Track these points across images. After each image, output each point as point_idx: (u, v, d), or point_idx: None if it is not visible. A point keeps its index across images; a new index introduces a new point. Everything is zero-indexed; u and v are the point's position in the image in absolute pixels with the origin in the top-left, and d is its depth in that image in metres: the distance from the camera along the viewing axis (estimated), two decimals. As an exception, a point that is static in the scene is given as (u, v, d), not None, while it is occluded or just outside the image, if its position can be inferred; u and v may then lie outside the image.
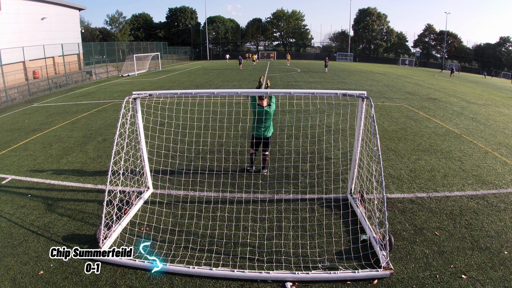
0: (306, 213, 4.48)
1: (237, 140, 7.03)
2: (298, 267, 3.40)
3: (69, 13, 28.11)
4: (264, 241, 3.87)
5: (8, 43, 19.79)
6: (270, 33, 65.93)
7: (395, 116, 10.59)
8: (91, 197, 5.10)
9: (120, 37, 54.66)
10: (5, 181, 5.77)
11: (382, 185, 3.44)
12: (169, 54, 47.12)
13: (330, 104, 10.39)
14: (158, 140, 6.52)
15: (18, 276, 3.32)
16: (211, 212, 4.54)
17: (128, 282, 3.23)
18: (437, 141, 7.92)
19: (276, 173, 5.64)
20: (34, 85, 19.51)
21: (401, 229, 4.12)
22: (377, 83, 20.37)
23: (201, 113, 9.75)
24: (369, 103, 3.90)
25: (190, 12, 64.99)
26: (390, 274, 3.25)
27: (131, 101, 4.36)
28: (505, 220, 4.35)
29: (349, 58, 58.49)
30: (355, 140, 4.43)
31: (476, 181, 5.58)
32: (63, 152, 7.32)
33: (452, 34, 58.37)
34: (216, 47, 64.98)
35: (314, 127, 8.34)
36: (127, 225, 4.22)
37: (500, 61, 52.12)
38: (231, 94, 4.11)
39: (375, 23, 61.62)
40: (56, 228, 4.20)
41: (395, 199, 4.94)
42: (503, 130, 9.28)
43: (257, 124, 5.46)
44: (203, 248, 3.74)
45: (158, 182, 5.21)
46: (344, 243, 3.83)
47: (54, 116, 11.46)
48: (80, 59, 28.14)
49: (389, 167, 6.18)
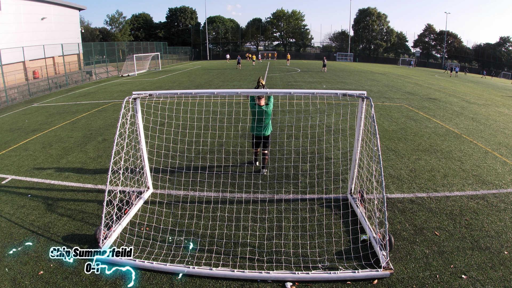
0: (306, 213, 4.48)
1: (237, 140, 7.03)
2: (298, 267, 3.40)
3: (69, 13, 28.11)
4: (264, 241, 3.87)
5: (8, 43, 19.80)
6: (270, 33, 65.91)
7: (395, 116, 10.59)
8: (91, 197, 5.10)
9: (120, 37, 54.63)
10: (5, 181, 5.77)
11: (382, 185, 3.44)
12: (169, 54, 47.12)
13: (330, 104, 10.39)
14: (158, 140, 6.52)
15: (18, 276, 3.32)
16: (211, 212, 4.54)
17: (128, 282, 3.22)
18: (437, 141, 7.92)
19: (276, 173, 5.64)
20: (34, 85, 19.51)
21: (401, 229, 4.12)
22: (377, 83, 20.37)
23: (201, 113, 9.75)
24: (369, 103, 3.90)
25: (190, 12, 64.98)
26: (390, 274, 3.25)
27: (131, 101, 4.36)
28: (505, 220, 4.35)
29: (349, 58, 58.47)
30: (355, 140, 4.43)
31: (476, 181, 5.58)
32: (63, 152, 7.32)
33: (452, 34, 58.37)
34: (216, 47, 64.97)
35: (314, 127, 8.34)
36: (127, 225, 4.22)
37: (500, 61, 52.11)
38: (231, 94, 4.11)
39: (375, 23, 61.61)
40: (56, 228, 4.20)
41: (395, 199, 4.94)
42: (503, 130, 9.28)
43: (256, 123, 5.53)
44: (203, 248, 3.74)
45: (158, 182, 5.21)
46: (344, 243, 3.83)
47: (54, 116, 11.46)
48: (80, 59, 28.14)
49: (389, 167, 6.18)
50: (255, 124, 5.54)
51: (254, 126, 5.58)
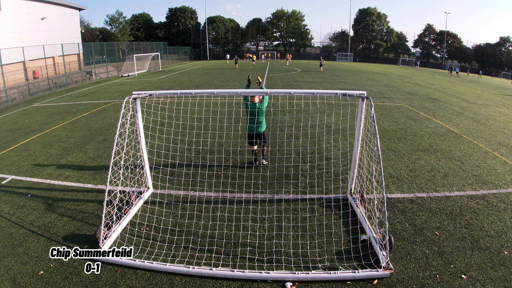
0: (306, 213, 4.48)
1: (237, 140, 7.03)
2: (298, 267, 3.40)
3: (69, 13, 28.10)
4: (264, 241, 3.87)
5: (8, 43, 19.79)
6: (270, 33, 65.91)
7: (395, 116, 10.59)
8: (91, 197, 5.10)
9: (120, 37, 54.63)
10: (5, 181, 5.77)
11: (382, 185, 3.45)
12: (169, 54, 47.12)
13: (330, 104, 10.39)
14: (158, 140, 6.52)
15: (18, 276, 3.32)
16: (211, 212, 4.54)
17: (128, 282, 3.23)
18: (437, 141, 7.92)
19: (276, 173, 5.64)
20: (34, 85, 19.51)
21: (401, 229, 4.12)
22: (377, 83, 20.37)
23: (201, 113, 9.76)
24: (369, 103, 3.90)
25: (190, 12, 64.96)
26: (390, 274, 3.25)
27: (131, 101, 4.37)
28: (505, 220, 4.35)
29: (349, 58, 58.46)
30: (355, 140, 4.43)
31: (476, 181, 5.58)
32: (63, 152, 7.32)
33: (452, 34, 58.34)
34: (216, 47, 64.96)
35: (314, 127, 8.34)
36: (127, 225, 4.22)
37: (500, 61, 52.09)
38: (231, 94, 4.11)
39: (375, 23, 61.59)
40: (56, 228, 4.20)
41: (395, 199, 4.94)
42: (503, 130, 9.28)
43: (250, 120, 5.66)
44: (203, 248, 3.74)
45: (158, 182, 5.21)
46: (344, 243, 3.83)
47: (54, 116, 11.46)
48: (80, 59, 28.14)
49: (389, 167, 6.18)
50: (250, 121, 5.68)
51: (248, 124, 5.73)
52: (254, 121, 5.67)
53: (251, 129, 5.75)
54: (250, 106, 5.62)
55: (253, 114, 5.64)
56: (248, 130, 5.80)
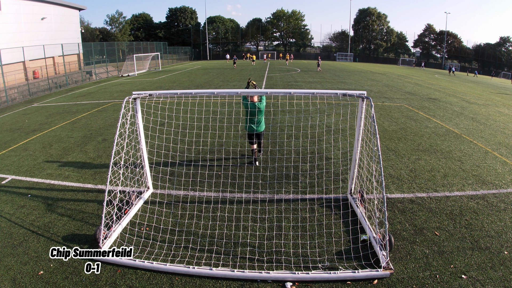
0: (306, 213, 4.48)
1: (237, 140, 7.03)
2: (298, 267, 3.40)
3: (69, 13, 28.10)
4: (264, 241, 3.87)
5: (8, 43, 19.79)
6: (270, 33, 65.90)
7: (395, 116, 10.59)
8: (91, 197, 5.10)
9: (120, 37, 54.61)
10: (5, 181, 5.77)
11: (382, 185, 3.45)
12: (169, 54, 47.11)
13: (330, 104, 10.39)
14: (158, 140, 6.53)
15: (18, 276, 3.32)
16: (211, 212, 4.54)
17: (128, 282, 3.23)
18: (437, 141, 7.92)
19: (276, 173, 5.64)
20: (34, 85, 19.51)
21: (401, 229, 4.12)
22: (377, 83, 20.37)
23: (201, 113, 9.75)
24: (369, 103, 3.90)
25: (190, 12, 64.96)
26: (390, 274, 3.25)
27: (131, 101, 4.37)
28: (505, 220, 4.35)
29: (349, 58, 58.45)
30: (355, 140, 4.43)
31: (476, 181, 5.58)
32: (63, 152, 7.32)
33: (452, 34, 58.33)
34: (216, 47, 64.96)
35: (314, 127, 8.34)
36: (127, 225, 4.22)
37: (500, 61, 52.08)
38: (231, 94, 4.11)
39: (375, 23, 61.58)
40: (56, 228, 4.20)
41: (395, 199, 4.94)
42: (503, 130, 9.28)
43: (250, 120, 5.70)
44: (203, 248, 3.74)
45: (158, 182, 5.21)
46: (344, 243, 3.83)
47: (54, 116, 11.46)
48: (80, 59, 28.14)
49: (389, 167, 6.18)
50: (249, 121, 5.72)
51: (247, 123, 5.78)
52: (254, 121, 5.71)
53: (250, 128, 5.80)
54: (249, 106, 5.67)
55: (253, 114, 5.69)
56: (248, 130, 5.85)
